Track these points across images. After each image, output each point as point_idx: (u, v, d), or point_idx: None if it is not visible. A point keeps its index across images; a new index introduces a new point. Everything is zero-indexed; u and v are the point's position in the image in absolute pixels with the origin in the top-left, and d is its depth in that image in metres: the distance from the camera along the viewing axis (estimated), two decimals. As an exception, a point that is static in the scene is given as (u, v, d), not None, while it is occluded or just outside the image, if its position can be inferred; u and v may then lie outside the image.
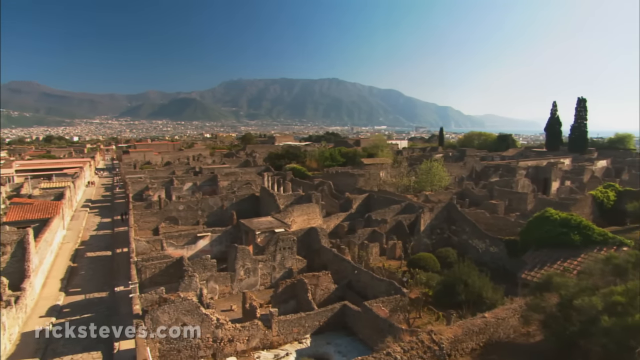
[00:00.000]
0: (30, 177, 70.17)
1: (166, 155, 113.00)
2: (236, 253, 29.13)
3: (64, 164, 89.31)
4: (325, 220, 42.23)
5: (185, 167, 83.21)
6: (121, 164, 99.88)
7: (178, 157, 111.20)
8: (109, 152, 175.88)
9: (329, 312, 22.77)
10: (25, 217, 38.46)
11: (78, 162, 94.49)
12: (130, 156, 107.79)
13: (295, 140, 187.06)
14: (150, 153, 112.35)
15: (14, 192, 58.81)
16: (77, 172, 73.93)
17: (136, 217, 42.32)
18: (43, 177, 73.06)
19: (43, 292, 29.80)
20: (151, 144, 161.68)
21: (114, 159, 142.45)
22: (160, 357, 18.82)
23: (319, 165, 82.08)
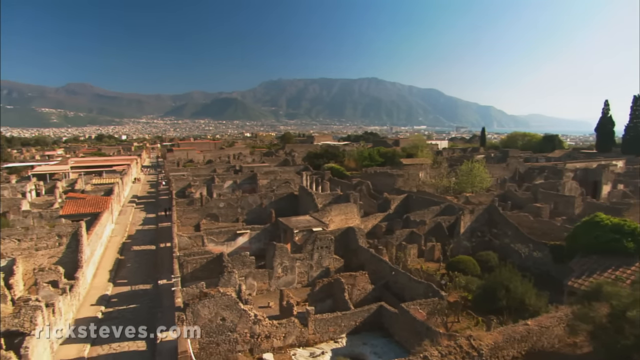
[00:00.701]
0: (84, 174, 74.21)
1: (208, 154, 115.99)
2: (274, 251, 29.56)
3: (113, 162, 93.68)
4: (363, 220, 42.09)
5: (226, 166, 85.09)
6: (165, 161, 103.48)
7: (219, 155, 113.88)
8: (154, 150, 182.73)
9: (365, 312, 22.72)
10: (78, 210, 40.68)
11: (126, 159, 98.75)
12: (174, 154, 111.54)
13: (334, 139, 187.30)
14: (192, 151, 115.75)
15: (69, 187, 62.34)
16: (125, 169, 77.46)
17: (179, 213, 43.74)
18: (94, 173, 76.98)
19: (94, 282, 31.52)
20: (194, 143, 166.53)
21: (159, 157, 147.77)
22: (200, 349, 19.36)
23: (358, 165, 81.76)
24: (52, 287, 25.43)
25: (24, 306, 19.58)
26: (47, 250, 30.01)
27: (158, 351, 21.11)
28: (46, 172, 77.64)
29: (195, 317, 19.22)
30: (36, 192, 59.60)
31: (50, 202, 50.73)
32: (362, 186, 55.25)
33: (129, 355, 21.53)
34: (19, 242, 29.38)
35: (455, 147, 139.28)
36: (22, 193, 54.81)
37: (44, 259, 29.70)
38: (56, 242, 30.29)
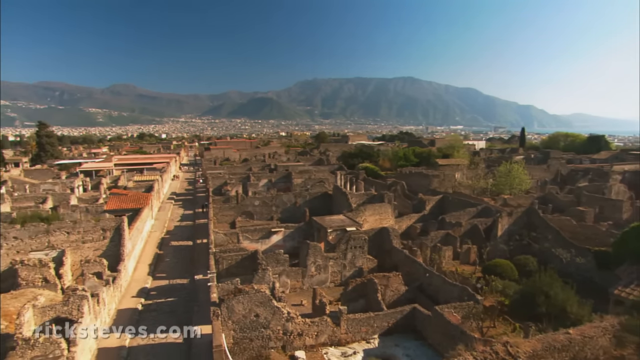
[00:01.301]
0: (126, 171, 77.31)
1: (244, 153, 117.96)
2: (308, 249, 29.78)
3: (153, 159, 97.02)
4: (397, 221, 41.72)
5: (261, 164, 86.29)
6: (203, 160, 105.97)
7: (255, 154, 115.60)
8: (192, 148, 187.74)
9: (398, 313, 22.55)
10: (121, 206, 42.41)
11: (165, 157, 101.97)
12: (211, 153, 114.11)
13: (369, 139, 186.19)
14: (229, 150, 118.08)
15: (113, 184, 65.08)
16: (165, 167, 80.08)
17: (215, 210, 44.75)
18: (136, 170, 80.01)
19: (134, 274, 32.79)
20: (230, 142, 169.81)
21: (197, 155, 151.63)
22: (234, 344, 19.76)
23: (392, 165, 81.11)
24: (97, 278, 26.74)
25: (72, 295, 20.65)
26: (93, 243, 31.48)
27: (194, 344, 21.71)
28: (92, 169, 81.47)
29: (229, 312, 19.65)
30: (83, 187, 62.63)
31: (95, 198, 53.15)
32: (397, 186, 54.74)
33: (166, 346, 22.28)
34: (68, 234, 31.00)
35: (493, 147, 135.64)
36: (70, 188, 57.83)
37: (89, 251, 31.18)
38: (101, 236, 31.73)
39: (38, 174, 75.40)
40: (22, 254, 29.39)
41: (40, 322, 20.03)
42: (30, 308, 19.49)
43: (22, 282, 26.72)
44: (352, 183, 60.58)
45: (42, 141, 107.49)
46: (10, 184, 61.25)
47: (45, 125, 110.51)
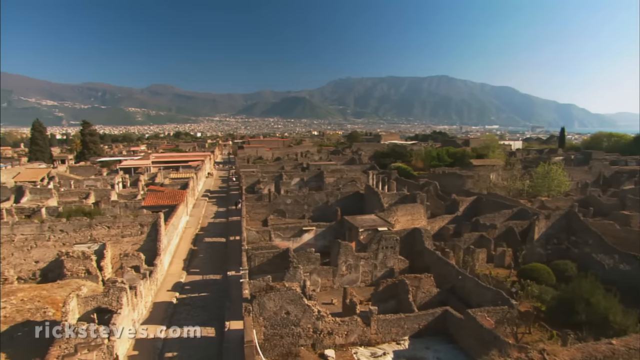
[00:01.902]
0: (163, 168, 79.72)
1: (276, 151, 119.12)
2: (339, 249, 29.83)
3: (188, 157, 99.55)
4: (429, 222, 41.15)
5: (293, 163, 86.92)
6: (236, 158, 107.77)
7: (287, 153, 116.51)
8: (226, 147, 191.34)
9: (429, 316, 22.27)
10: (158, 202, 43.75)
11: (200, 155, 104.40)
12: (244, 151, 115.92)
13: (401, 139, 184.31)
14: (262, 149, 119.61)
15: (150, 181, 67.30)
16: (199, 165, 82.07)
17: (248, 208, 45.47)
18: (172, 168, 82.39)
19: (170, 269, 33.77)
20: (263, 140, 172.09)
21: (230, 154, 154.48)
22: (264, 340, 20.06)
23: (425, 165, 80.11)
24: (135, 271, 27.73)
25: (112, 287, 21.57)
26: (131, 237, 32.71)
27: (226, 338, 22.18)
28: (131, 166, 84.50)
29: (261, 309, 19.96)
30: (122, 184, 65.09)
31: (134, 194, 55.06)
32: (430, 187, 53.97)
33: (199, 339, 22.83)
34: (108, 229, 32.36)
35: (531, 147, 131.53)
36: (111, 185, 60.25)
37: (128, 245, 32.42)
38: (139, 231, 32.92)
39: (82, 171, 79.07)
40: (67, 246, 30.97)
41: (83, 311, 21.04)
42: (74, 297, 20.49)
43: (67, 272, 28.19)
44: (384, 183, 60.13)
45: (85, 139, 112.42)
46: (57, 180, 64.55)
47: (88, 125, 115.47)
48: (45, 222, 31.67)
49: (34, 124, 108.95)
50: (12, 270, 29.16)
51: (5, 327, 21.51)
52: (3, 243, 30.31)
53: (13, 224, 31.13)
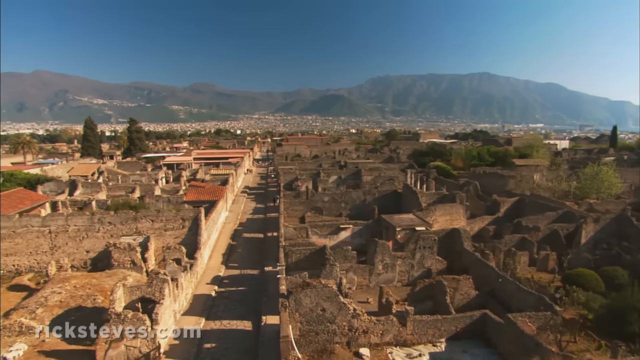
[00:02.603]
0: (204, 164, 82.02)
1: (314, 149, 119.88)
2: (376, 247, 29.71)
3: (228, 154, 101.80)
4: (469, 222, 40.23)
5: (331, 161, 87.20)
6: (275, 155, 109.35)
7: (325, 150, 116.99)
8: (265, 144, 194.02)
9: (467, 318, 21.80)
10: (199, 198, 45.03)
11: (240, 152, 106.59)
12: (283, 149, 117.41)
13: (441, 137, 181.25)
14: (300, 146, 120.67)
15: (192, 177, 69.45)
16: (239, 162, 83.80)
17: (286, 205, 45.99)
18: (213, 164, 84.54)
19: (209, 263, 34.74)
20: (301, 138, 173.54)
21: (269, 151, 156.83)
22: (300, 336, 20.27)
23: (465, 165, 78.35)
24: (176, 264, 28.79)
25: (155, 278, 22.51)
26: (173, 231, 33.92)
27: (262, 332, 22.63)
28: (174, 163, 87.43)
29: (297, 305, 20.19)
30: (166, 179, 67.51)
31: (176, 189, 56.99)
32: (470, 187, 52.73)
33: (236, 332, 23.48)
34: (152, 222, 33.72)
35: (578, 147, 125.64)
36: (155, 180, 62.69)
37: (170, 238, 33.64)
38: (180, 225, 34.08)
39: (128, 166, 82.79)
40: (114, 237, 32.56)
41: (128, 300, 22.10)
42: (121, 287, 21.55)
43: (114, 262, 29.68)
44: (423, 182, 59.27)
45: (132, 136, 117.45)
46: (106, 175, 67.85)
47: (135, 122, 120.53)
48: (95, 215, 33.45)
49: (86, 122, 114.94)
50: (67, 258, 31.01)
51: (60, 312, 23.01)
52: (59, 233, 32.32)
53: (67, 215, 33.12)
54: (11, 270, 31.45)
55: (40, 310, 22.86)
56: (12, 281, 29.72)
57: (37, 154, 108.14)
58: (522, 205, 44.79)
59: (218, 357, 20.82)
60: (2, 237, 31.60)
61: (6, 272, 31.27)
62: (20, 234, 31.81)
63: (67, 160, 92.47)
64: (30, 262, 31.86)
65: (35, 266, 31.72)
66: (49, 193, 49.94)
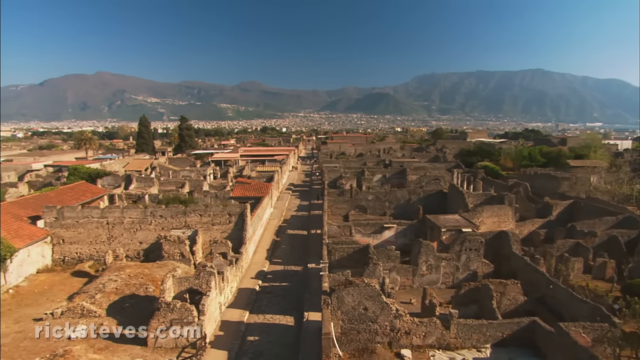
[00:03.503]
0: (250, 161, 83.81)
1: (359, 147, 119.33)
2: (420, 248, 29.28)
3: (274, 152, 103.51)
4: (518, 225, 38.76)
5: (376, 159, 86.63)
6: (320, 153, 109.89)
7: (370, 149, 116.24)
8: (309, 142, 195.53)
9: (515, 325, 21.01)
10: (245, 194, 46.13)
11: (285, 150, 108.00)
12: (327, 147, 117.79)
13: (489, 136, 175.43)
14: (345, 144, 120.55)
15: (238, 173, 71.29)
16: (284, 159, 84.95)
17: (330, 203, 46.21)
18: (259, 161, 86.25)
19: (254, 258, 35.55)
20: (346, 136, 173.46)
21: (314, 149, 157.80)
22: (341, 333, 20.34)
23: (515, 165, 75.44)
24: (223, 257, 29.72)
25: (203, 270, 23.36)
26: (220, 226, 34.97)
27: (304, 328, 22.90)
28: (221, 159, 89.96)
29: (339, 302, 20.28)
30: (213, 175, 69.66)
31: (223, 185, 58.64)
32: (519, 188, 50.67)
33: (278, 327, 23.91)
34: (200, 216, 34.95)
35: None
36: (203, 176, 64.87)
37: (217, 233, 34.71)
38: (227, 220, 35.08)
39: (179, 162, 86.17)
40: (165, 230, 34.07)
41: (177, 291, 23.09)
42: (170, 277, 22.56)
43: (165, 254, 31.09)
44: (470, 182, 57.63)
45: (182, 133, 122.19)
46: (158, 170, 71.06)
47: (185, 120, 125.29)
48: (148, 208, 35.13)
49: (141, 120, 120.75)
50: (122, 248, 32.81)
51: (116, 298, 24.48)
52: (115, 224, 34.28)
53: (123, 208, 35.01)
54: (74, 257, 33.76)
55: (99, 295, 24.43)
56: (75, 267, 31.99)
57: (97, 150, 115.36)
58: (577, 208, 42.55)
59: (260, 350, 21.32)
60: (67, 227, 33.97)
61: (70, 259, 33.62)
62: (82, 224, 34.06)
63: (123, 156, 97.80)
64: (91, 250, 34.04)
65: (95, 254, 33.84)
66: (107, 186, 53.00)
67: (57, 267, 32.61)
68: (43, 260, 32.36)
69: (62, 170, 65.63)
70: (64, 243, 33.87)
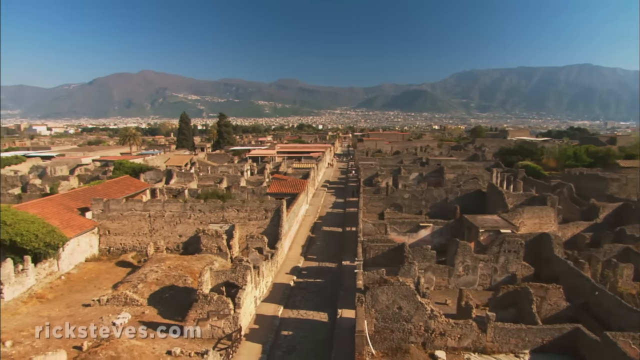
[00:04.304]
0: (286, 158, 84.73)
1: (395, 145, 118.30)
2: (457, 248, 28.71)
3: (310, 148, 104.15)
4: (560, 228, 37.24)
5: (412, 157, 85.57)
6: (355, 150, 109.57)
7: (406, 147, 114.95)
8: (346, 139, 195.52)
9: (556, 331, 20.20)
10: (281, 190, 46.67)
11: (321, 147, 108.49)
12: (363, 144, 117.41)
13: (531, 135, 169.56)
14: (381, 142, 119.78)
15: (275, 169, 72.16)
16: (320, 156, 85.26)
17: (365, 200, 46.01)
18: (295, 158, 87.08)
19: (289, 253, 35.98)
20: (382, 134, 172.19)
21: (350, 146, 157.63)
22: (375, 332, 20.26)
23: (559, 165, 72.66)
24: (258, 252, 30.27)
25: (239, 264, 23.91)
26: (257, 221, 35.60)
27: (337, 325, 23.00)
28: (258, 156, 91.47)
29: (373, 301, 20.20)
30: (250, 171, 70.90)
31: (260, 181, 59.59)
32: (563, 189, 48.65)
33: (312, 323, 24.13)
34: (237, 211, 35.70)
35: None
36: (241, 172, 66.13)
37: (253, 228, 35.36)
38: (263, 215, 35.65)
39: (217, 158, 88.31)
40: (203, 224, 35.06)
41: (214, 283, 23.73)
42: (208, 270, 23.23)
43: (203, 247, 32.00)
44: (510, 182, 55.88)
45: (221, 130, 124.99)
46: (198, 165, 73.07)
47: (224, 117, 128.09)
48: (187, 202, 36.26)
49: (181, 116, 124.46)
50: (163, 241, 34.03)
51: (157, 288, 25.49)
52: (157, 217, 35.62)
53: (164, 202, 36.30)
54: (119, 248, 35.36)
55: (140, 285, 25.50)
56: (119, 257, 33.51)
57: (140, 146, 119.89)
58: (627, 211, 40.37)
59: (294, 344, 21.60)
60: (112, 219, 35.61)
61: (114, 250, 35.25)
62: (126, 217, 35.59)
63: (165, 151, 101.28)
64: (134, 242, 35.51)
65: (137, 246, 35.29)
66: (149, 181, 55.08)
67: (103, 257, 34.29)
68: (91, 250, 34.09)
69: (109, 164, 68.76)
70: (110, 234, 35.52)
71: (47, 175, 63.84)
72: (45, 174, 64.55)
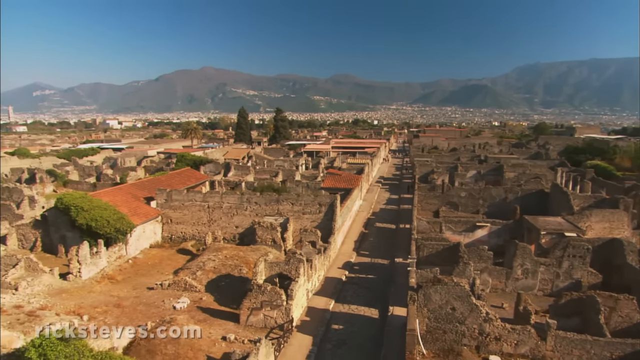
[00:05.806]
0: (341, 153, 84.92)
1: (452, 141, 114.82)
2: (516, 250, 27.51)
3: (365, 144, 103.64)
4: (634, 233, 34.50)
5: (470, 155, 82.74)
6: (411, 147, 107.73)
7: (464, 144, 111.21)
8: (401, 135, 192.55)
9: (628, 346, 18.57)
10: (335, 185, 46.94)
11: (376, 142, 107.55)
12: (419, 140, 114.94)
13: (602, 132, 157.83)
14: (437, 138, 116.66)
15: (329, 164, 72.69)
16: (375, 152, 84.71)
17: (420, 197, 45.19)
18: (349, 153, 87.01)
19: (341, 248, 36.19)
20: (439, 130, 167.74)
21: (405, 142, 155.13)
22: (426, 331, 19.93)
23: (634, 165, 67.10)
24: (312, 246, 30.73)
25: (292, 257, 24.45)
26: (310, 215, 36.09)
27: (388, 322, 22.88)
28: (313, 150, 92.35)
29: (426, 300, 19.88)
30: (305, 166, 71.83)
31: (314, 175, 60.20)
32: (639, 191, 44.92)
33: (362, 319, 24.16)
34: (292, 205, 36.40)
35: None
36: (296, 166, 67.23)
37: (307, 221, 35.89)
38: (317, 209, 36.07)
39: (273, 152, 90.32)
40: (259, 216, 36.11)
41: (268, 274, 24.43)
42: (262, 261, 23.95)
43: (258, 239, 32.99)
44: (576, 183, 52.47)
45: (277, 125, 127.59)
46: (254, 159, 75.15)
47: (280, 111, 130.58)
48: (244, 195, 37.49)
49: (240, 111, 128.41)
50: (220, 231, 35.54)
51: (214, 276, 26.71)
52: (215, 208, 37.21)
53: (222, 193, 37.80)
54: (180, 236, 37.36)
55: (199, 272, 26.83)
56: (180, 245, 35.44)
57: (201, 139, 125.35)
58: None
59: (344, 339, 21.77)
60: (174, 208, 37.66)
61: (176, 237, 37.29)
62: (187, 207, 37.48)
63: (223, 145, 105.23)
64: (193, 231, 37.34)
65: (196, 235, 37.08)
66: (208, 173, 57.44)
67: (165, 244, 36.41)
68: (154, 237, 36.29)
69: (171, 157, 72.68)
70: (172, 223, 37.58)
71: (117, 166, 68.94)
72: (116, 165, 69.72)
